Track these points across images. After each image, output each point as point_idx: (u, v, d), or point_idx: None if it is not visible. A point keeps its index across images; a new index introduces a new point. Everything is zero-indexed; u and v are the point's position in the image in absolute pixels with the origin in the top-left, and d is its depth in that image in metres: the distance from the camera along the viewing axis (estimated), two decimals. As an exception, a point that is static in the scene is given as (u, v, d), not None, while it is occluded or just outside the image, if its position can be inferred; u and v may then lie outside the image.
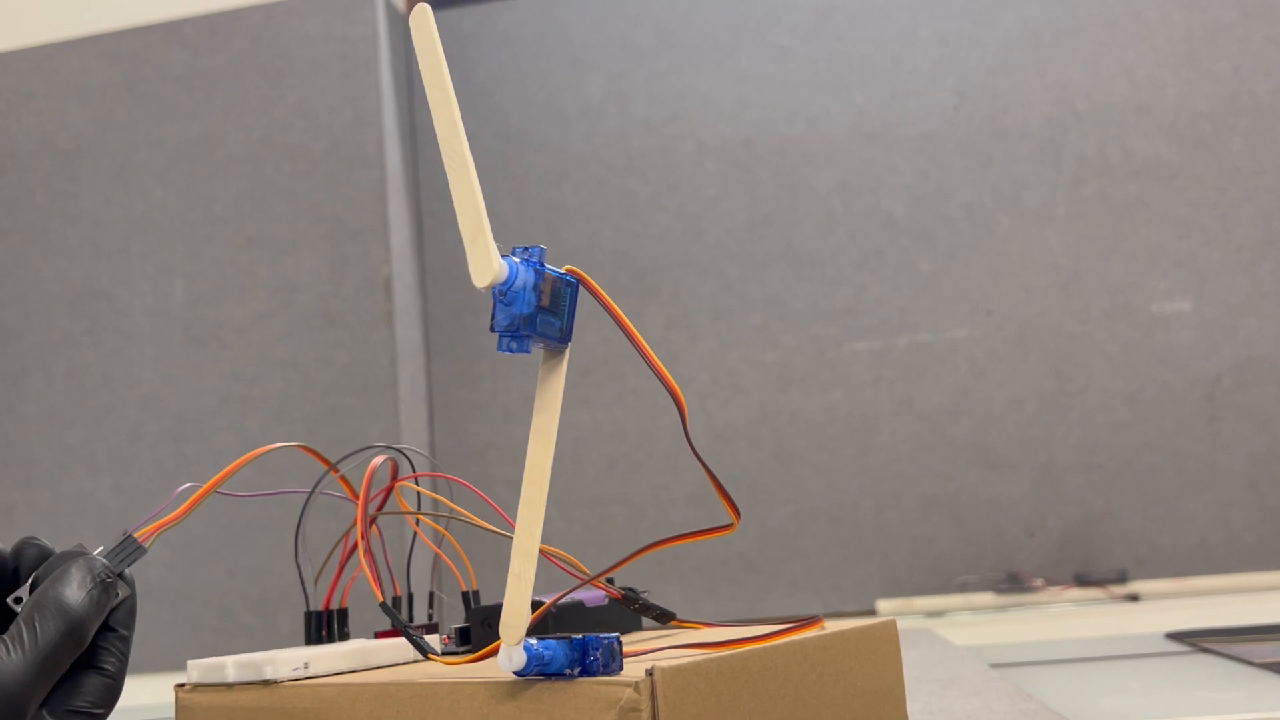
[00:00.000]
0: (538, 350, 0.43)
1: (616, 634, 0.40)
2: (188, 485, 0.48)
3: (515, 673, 0.39)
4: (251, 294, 2.12)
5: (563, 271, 0.42)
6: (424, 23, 0.41)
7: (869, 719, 0.47)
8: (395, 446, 0.57)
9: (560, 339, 0.41)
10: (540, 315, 0.40)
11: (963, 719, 0.57)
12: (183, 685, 0.51)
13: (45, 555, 0.45)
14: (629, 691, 0.36)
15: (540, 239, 2.17)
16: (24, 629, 0.38)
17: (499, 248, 0.40)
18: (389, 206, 2.07)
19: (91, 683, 0.42)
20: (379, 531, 0.56)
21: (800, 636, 0.44)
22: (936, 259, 2.05)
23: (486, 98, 2.21)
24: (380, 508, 0.55)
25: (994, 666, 0.93)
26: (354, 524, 0.52)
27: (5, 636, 0.38)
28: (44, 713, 0.40)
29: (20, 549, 0.45)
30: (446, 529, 0.57)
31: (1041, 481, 1.95)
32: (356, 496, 0.53)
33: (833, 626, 0.50)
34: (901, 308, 2.04)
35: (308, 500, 0.53)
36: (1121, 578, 1.88)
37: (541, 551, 0.54)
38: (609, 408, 2.05)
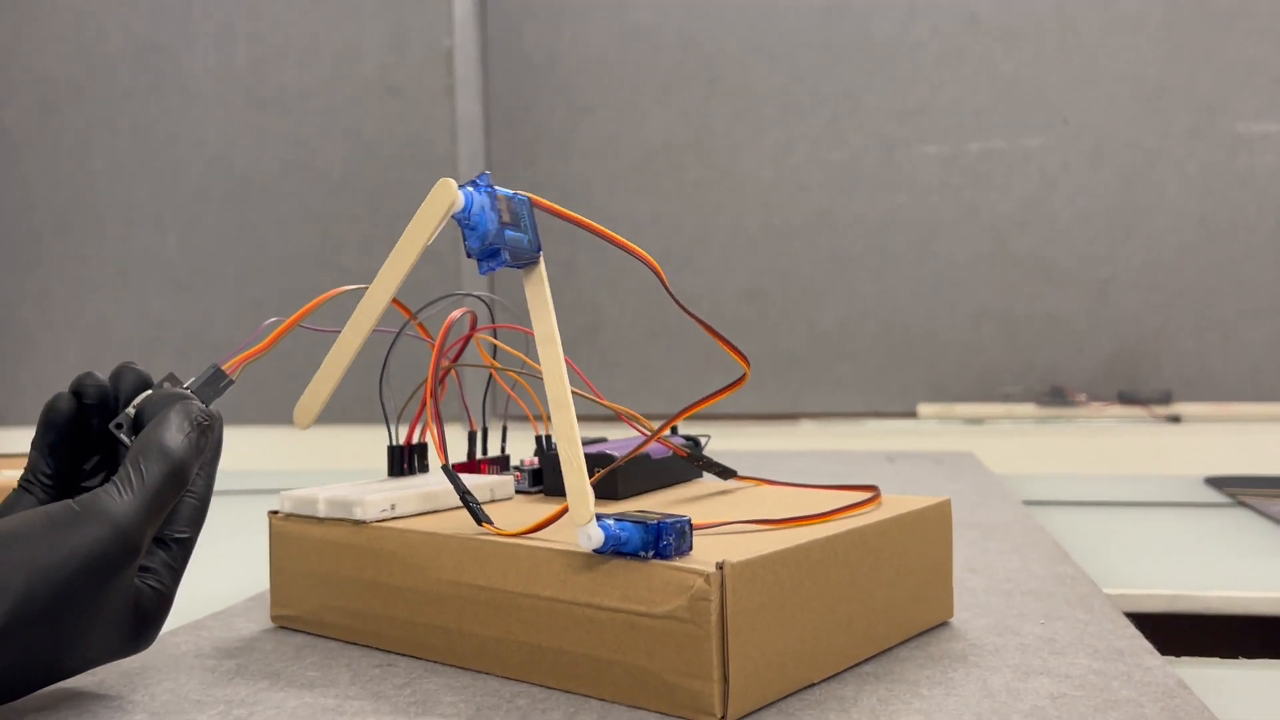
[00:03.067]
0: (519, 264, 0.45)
1: (688, 517, 0.42)
2: (272, 320, 0.50)
3: (593, 550, 0.42)
4: (314, 59, 2.09)
5: (513, 193, 0.45)
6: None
7: (917, 596, 0.50)
8: (476, 294, 0.58)
9: (530, 249, 0.44)
10: (506, 230, 0.43)
11: (1004, 582, 0.60)
12: (276, 513, 0.54)
13: (142, 381, 0.47)
14: (700, 581, 0.39)
15: (606, 15, 2.09)
16: (131, 472, 0.41)
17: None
18: (453, -28, 2.01)
19: (183, 509, 0.46)
20: (456, 375, 0.58)
21: (862, 523, 0.46)
22: (1019, 61, 1.97)
23: None
24: (457, 357, 0.57)
25: (1028, 504, 0.96)
26: (431, 368, 0.54)
27: (115, 480, 0.41)
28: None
29: (119, 375, 0.47)
30: (521, 374, 0.59)
31: (1098, 299, 1.94)
32: (434, 342, 0.54)
33: (888, 501, 0.52)
34: (977, 111, 1.98)
35: (392, 343, 0.55)
36: (1166, 399, 1.89)
37: (615, 410, 0.57)
38: (667, 199, 2.04)
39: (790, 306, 2.01)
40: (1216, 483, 1.05)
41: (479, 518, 0.48)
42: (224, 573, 0.72)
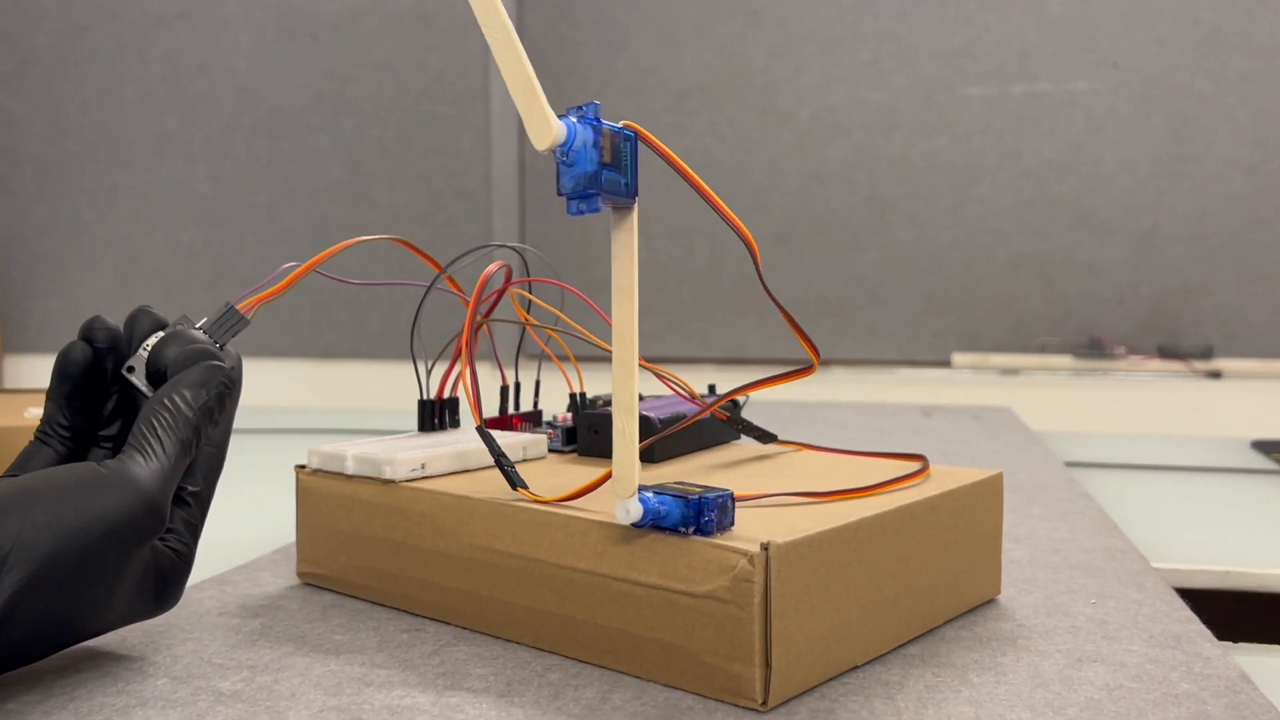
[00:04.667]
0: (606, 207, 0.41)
1: (729, 490, 0.40)
2: (289, 264, 0.49)
3: (631, 524, 0.40)
4: (344, -13, 2.05)
5: (619, 126, 0.40)
6: None
7: (965, 573, 0.48)
8: (510, 245, 0.56)
9: (627, 193, 0.40)
10: (604, 172, 0.39)
11: (1051, 554, 0.58)
12: (303, 467, 0.53)
13: (157, 323, 0.45)
14: (743, 561, 0.37)
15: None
16: (154, 437, 0.40)
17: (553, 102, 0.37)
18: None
19: (199, 461, 0.44)
20: (489, 330, 0.56)
21: (911, 499, 0.44)
22: (1067, 1, 1.90)
23: None
24: (489, 312, 0.55)
25: (1070, 466, 0.94)
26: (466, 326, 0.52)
27: (140, 445, 0.40)
28: None
29: (134, 319, 0.45)
30: (556, 331, 0.57)
31: (1141, 249, 1.90)
32: (466, 296, 0.53)
33: (937, 473, 0.50)
34: (1023, 52, 1.92)
35: (423, 297, 0.53)
36: (1207, 353, 1.85)
37: (656, 373, 0.55)
38: (701, 138, 2.00)
39: (824, 250, 1.97)
40: (1264, 447, 1.02)
41: (514, 482, 0.46)
42: (250, 520, 0.71)
